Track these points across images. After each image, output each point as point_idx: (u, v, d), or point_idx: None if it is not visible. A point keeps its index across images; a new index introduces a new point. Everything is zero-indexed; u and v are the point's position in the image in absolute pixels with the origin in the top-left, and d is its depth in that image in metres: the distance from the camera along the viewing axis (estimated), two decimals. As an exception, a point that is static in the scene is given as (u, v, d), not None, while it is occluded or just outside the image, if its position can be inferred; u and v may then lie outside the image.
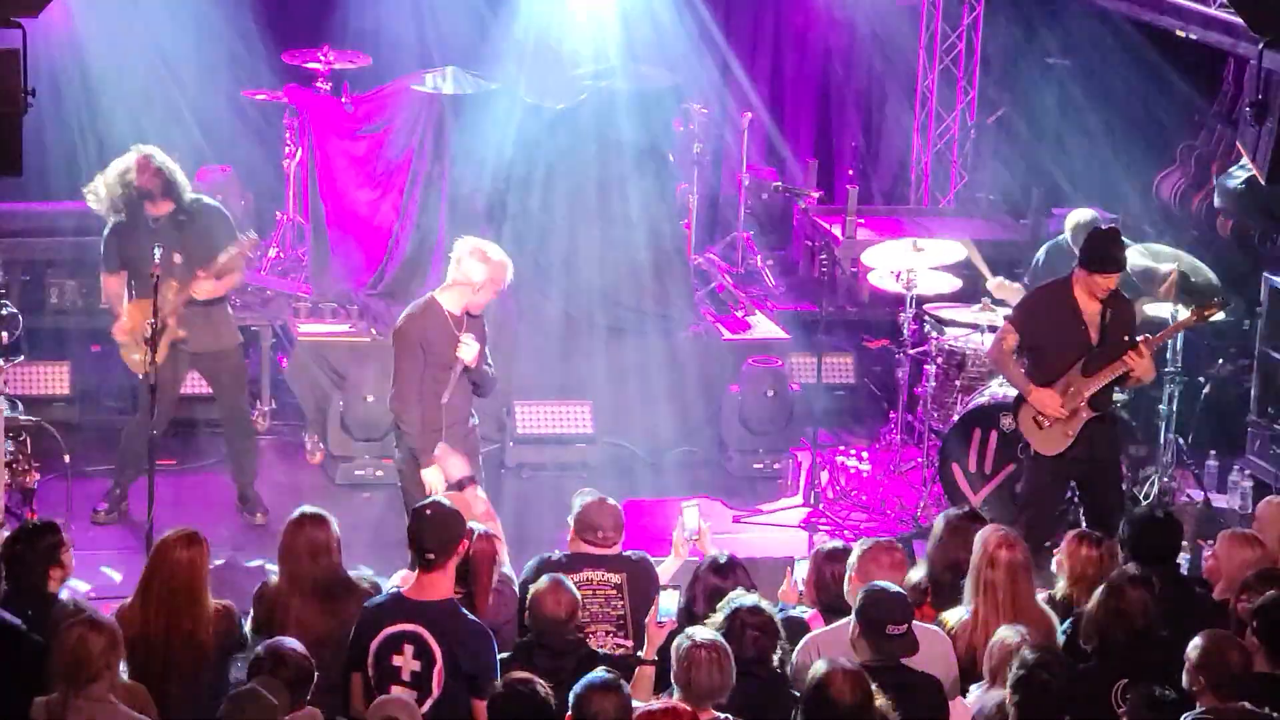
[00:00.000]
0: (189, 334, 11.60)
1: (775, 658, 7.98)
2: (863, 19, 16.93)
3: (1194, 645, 7.72)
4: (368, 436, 12.78)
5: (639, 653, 8.37)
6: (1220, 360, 13.71)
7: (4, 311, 11.90)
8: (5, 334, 11.77)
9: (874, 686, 7.40)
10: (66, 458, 11.49)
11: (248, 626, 8.50)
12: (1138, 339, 10.84)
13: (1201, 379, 13.54)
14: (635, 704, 7.37)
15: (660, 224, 13.87)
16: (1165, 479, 12.55)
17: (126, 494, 12.00)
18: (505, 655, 8.15)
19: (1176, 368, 12.50)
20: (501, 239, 13.15)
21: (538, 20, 13.90)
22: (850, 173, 16.46)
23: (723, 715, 7.52)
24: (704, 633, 7.66)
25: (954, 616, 8.64)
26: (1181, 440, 13.01)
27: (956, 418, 12.56)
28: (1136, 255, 12.33)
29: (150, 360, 11.10)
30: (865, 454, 13.43)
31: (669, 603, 8.52)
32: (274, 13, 14.91)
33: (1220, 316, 11.45)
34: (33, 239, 14.06)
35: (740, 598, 8.17)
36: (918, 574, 9.08)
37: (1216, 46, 13.95)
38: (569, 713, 7.25)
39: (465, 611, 8.12)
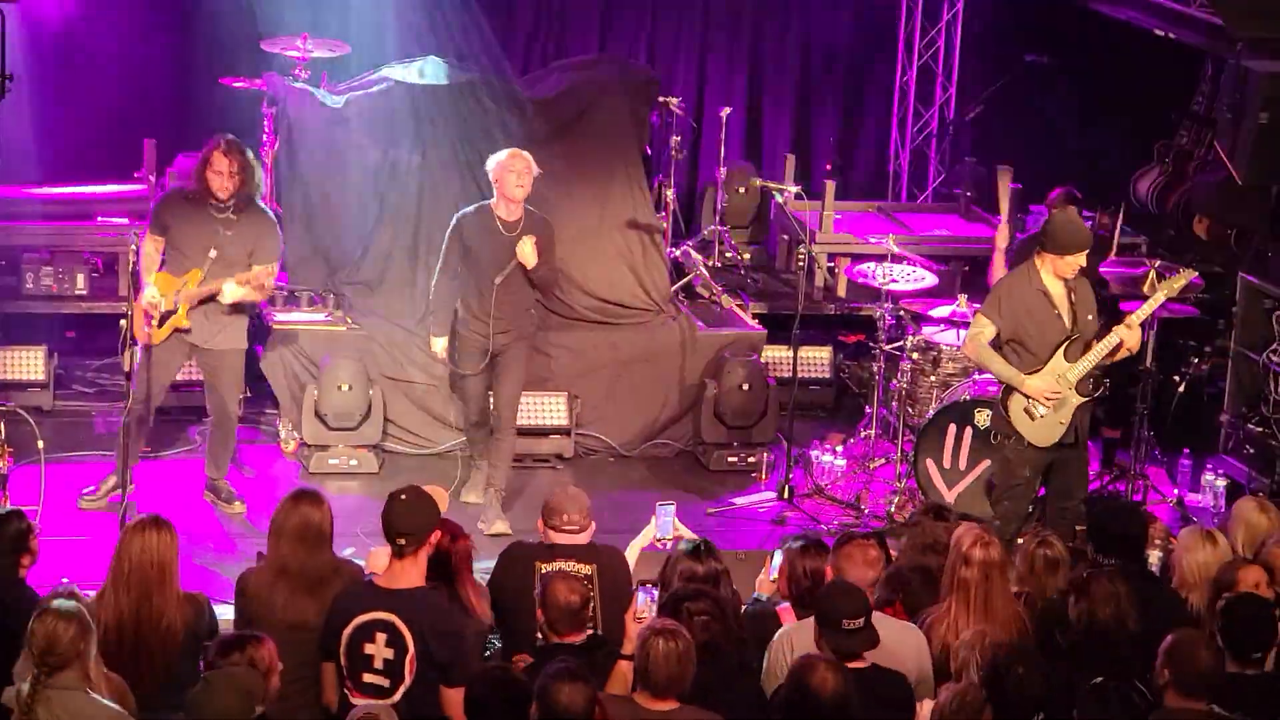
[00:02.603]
0: (197, 326, 11.54)
1: (729, 643, 8.01)
2: (843, 13, 16.95)
3: (1167, 640, 7.75)
4: (342, 426, 12.77)
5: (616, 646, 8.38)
6: (1195, 359, 13.73)
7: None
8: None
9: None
10: (40, 443, 11.45)
11: (230, 612, 8.49)
12: (1129, 316, 10.89)
13: (1176, 377, 13.57)
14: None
15: (637, 217, 13.86)
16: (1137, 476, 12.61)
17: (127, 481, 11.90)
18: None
19: (1151, 366, 12.54)
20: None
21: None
22: (828, 167, 16.48)
23: (687, 706, 7.53)
24: (666, 622, 7.67)
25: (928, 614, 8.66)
26: (1155, 438, 13.05)
27: (931, 413, 12.58)
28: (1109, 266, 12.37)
29: (129, 338, 11.10)
30: (840, 449, 13.43)
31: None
32: (253, -1, 14.90)
33: (1185, 282, 11.42)
34: (8, 224, 14.02)
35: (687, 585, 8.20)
36: (890, 571, 9.09)
37: (1195, 46, 13.99)
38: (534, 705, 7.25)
39: (437, 600, 8.11)
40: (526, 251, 11.69)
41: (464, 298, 11.97)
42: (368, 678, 7.88)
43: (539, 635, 8.29)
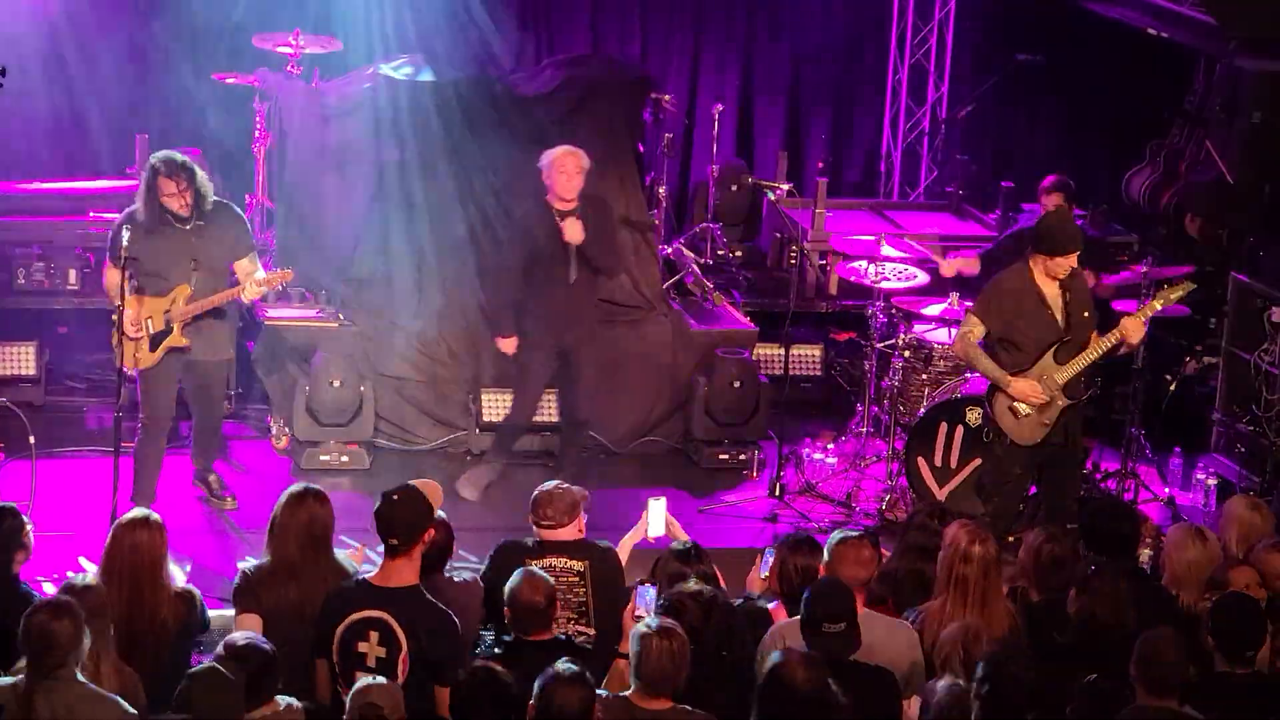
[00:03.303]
0: (191, 342, 11.40)
1: (716, 641, 8.01)
2: (836, 11, 16.95)
3: (1139, 640, 7.77)
4: (334, 422, 12.76)
5: (603, 643, 8.38)
6: (1186, 358, 13.75)
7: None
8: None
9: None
10: (31, 439, 11.43)
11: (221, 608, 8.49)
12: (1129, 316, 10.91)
13: (1168, 376, 13.58)
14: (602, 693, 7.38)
15: (629, 215, 13.86)
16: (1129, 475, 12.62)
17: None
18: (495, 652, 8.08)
19: (1142, 365, 12.54)
20: (470, 227, 13.20)
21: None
22: (820, 165, 16.48)
23: (681, 706, 7.52)
24: (662, 620, 7.66)
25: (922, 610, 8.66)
26: (1146, 437, 13.06)
27: (923, 411, 12.58)
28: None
29: (119, 349, 11.02)
30: (831, 446, 13.42)
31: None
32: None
33: (1182, 294, 11.43)
34: (0, 219, 14.00)
35: (681, 583, 8.19)
36: (885, 569, 9.09)
37: (1188, 45, 14.00)
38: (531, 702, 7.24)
39: (430, 599, 8.10)
40: (573, 231, 11.95)
41: (531, 295, 12.21)
42: (360, 676, 7.85)
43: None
